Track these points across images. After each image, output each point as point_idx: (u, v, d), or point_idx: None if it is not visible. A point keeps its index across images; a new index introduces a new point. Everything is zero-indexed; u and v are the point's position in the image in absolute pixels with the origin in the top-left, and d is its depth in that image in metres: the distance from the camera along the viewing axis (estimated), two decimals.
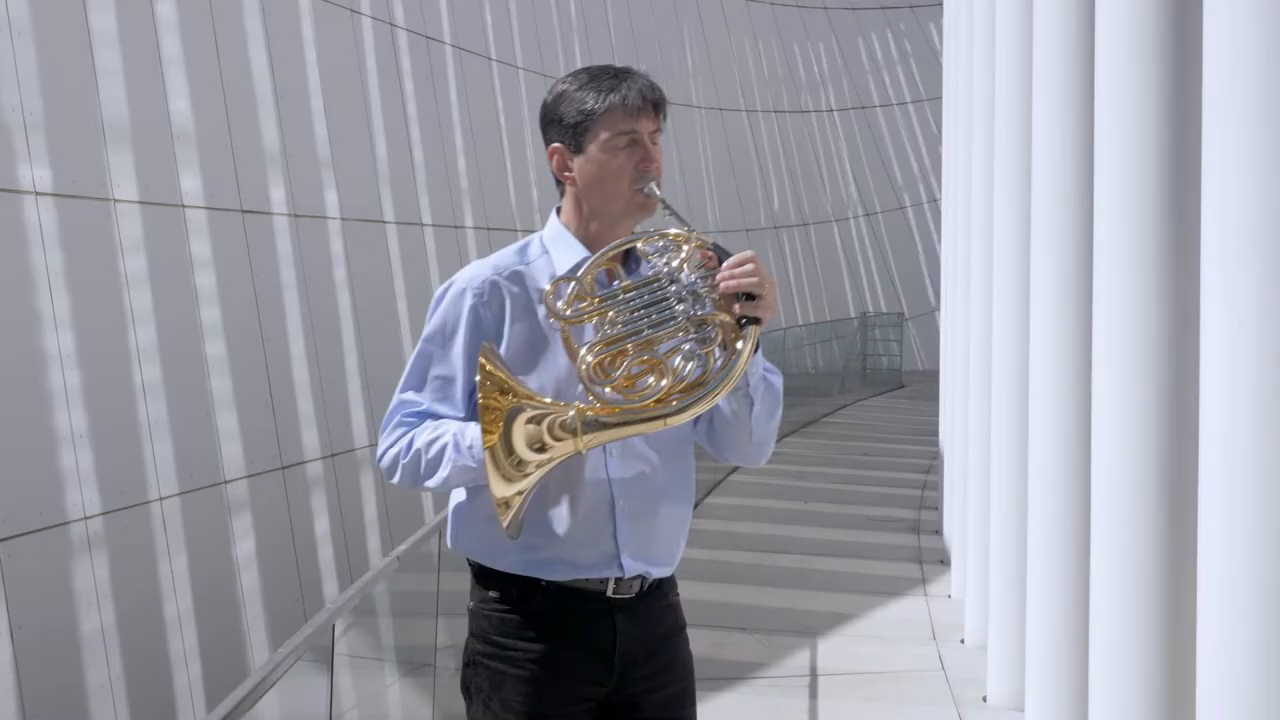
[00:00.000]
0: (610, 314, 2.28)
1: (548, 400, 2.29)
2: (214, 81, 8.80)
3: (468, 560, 2.49)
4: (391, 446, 2.41)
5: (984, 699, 5.67)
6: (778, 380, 2.45)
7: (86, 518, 7.02)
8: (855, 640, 6.70)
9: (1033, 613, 4.83)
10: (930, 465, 12.24)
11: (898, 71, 26.07)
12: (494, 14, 14.00)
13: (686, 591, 2.62)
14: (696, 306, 2.27)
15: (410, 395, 2.42)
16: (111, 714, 6.95)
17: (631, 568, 2.41)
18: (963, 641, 6.58)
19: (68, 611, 6.83)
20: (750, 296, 2.25)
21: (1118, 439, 3.86)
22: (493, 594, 2.43)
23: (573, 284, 2.29)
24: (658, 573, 2.46)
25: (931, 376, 13.64)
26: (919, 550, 8.88)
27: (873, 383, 21.99)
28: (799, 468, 12.85)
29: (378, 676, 5.02)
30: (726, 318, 2.26)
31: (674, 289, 2.27)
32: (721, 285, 2.26)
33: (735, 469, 12.06)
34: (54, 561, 6.79)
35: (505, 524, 2.24)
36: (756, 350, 2.28)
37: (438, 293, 2.46)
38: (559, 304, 2.28)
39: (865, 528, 9.74)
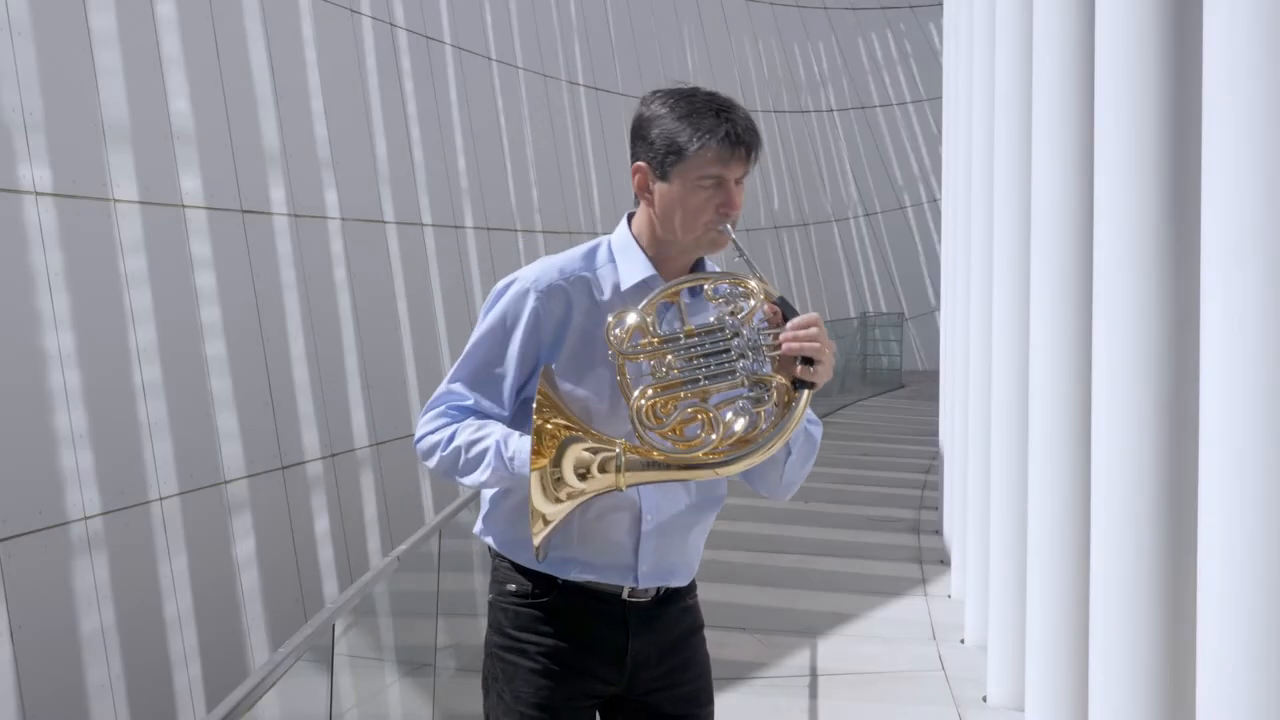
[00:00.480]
0: (669, 357, 2.27)
1: (601, 435, 2.29)
2: (214, 81, 8.80)
3: (490, 551, 2.51)
4: (432, 434, 2.41)
5: (984, 699, 5.67)
6: (818, 431, 2.49)
7: (86, 518, 7.02)
8: (855, 640, 6.70)
9: (1033, 613, 4.83)
10: (930, 465, 12.24)
11: (898, 71, 26.08)
12: (494, 14, 13.99)
13: None
14: (756, 363, 2.27)
15: (459, 387, 2.43)
16: (111, 714, 6.95)
17: (647, 582, 2.44)
18: (963, 641, 6.58)
19: (68, 611, 6.83)
20: (809, 361, 2.26)
21: (1118, 439, 3.86)
22: (510, 588, 2.45)
23: (635, 315, 2.28)
24: (674, 583, 2.49)
25: (931, 376, 13.63)
26: (919, 550, 8.88)
27: (873, 383, 21.98)
28: None
29: (378, 676, 5.02)
30: (783, 379, 2.27)
31: (736, 343, 2.27)
32: (784, 347, 2.26)
33: None
34: (54, 561, 6.79)
35: (536, 542, 2.26)
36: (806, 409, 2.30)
37: (499, 286, 2.44)
38: (616, 333, 2.28)
39: (865, 528, 9.74)
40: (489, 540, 2.51)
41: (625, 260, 2.42)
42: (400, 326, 11.05)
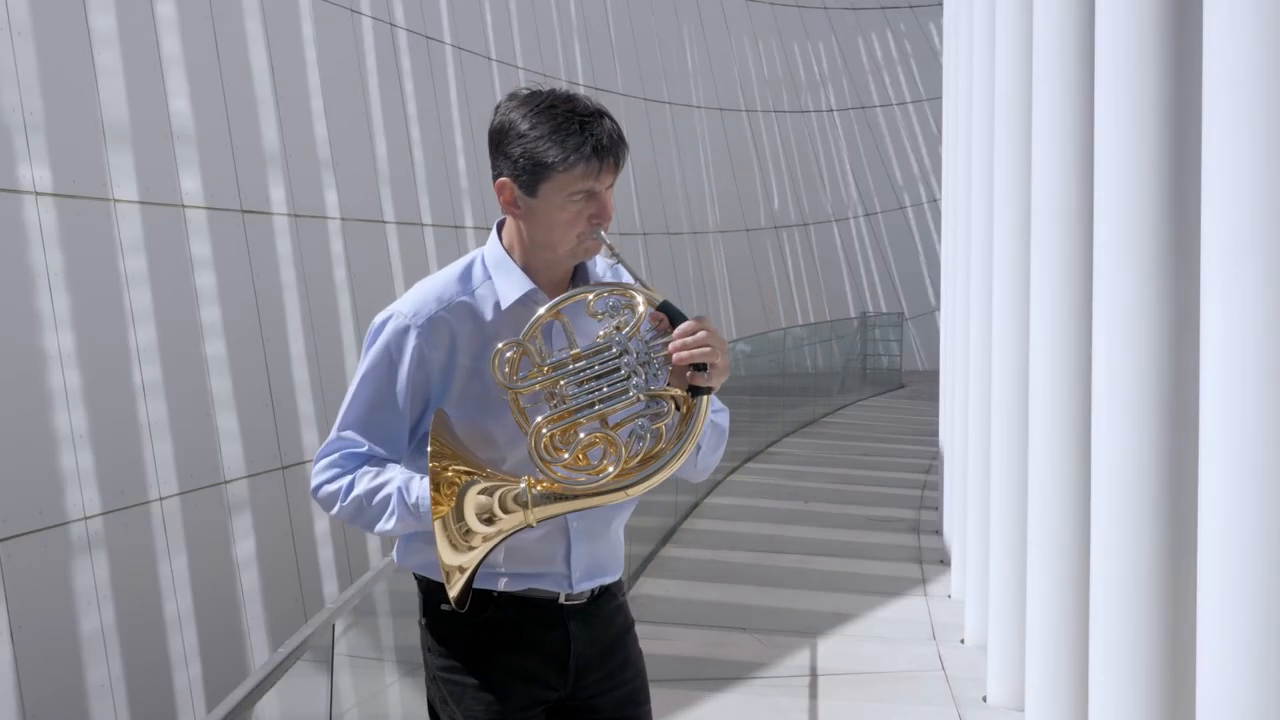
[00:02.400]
0: (561, 383, 2.22)
1: (500, 474, 2.25)
2: (214, 81, 8.80)
3: (415, 576, 2.47)
4: (329, 483, 2.36)
5: (984, 699, 5.67)
6: (724, 418, 2.44)
7: (86, 518, 7.02)
8: (855, 640, 6.70)
9: (1033, 613, 4.83)
10: (930, 465, 12.24)
11: (898, 71, 26.08)
12: (494, 14, 13.99)
13: (685, 591, 2.63)
14: (650, 379, 2.22)
15: (350, 434, 2.37)
16: (111, 714, 6.95)
17: (581, 585, 2.43)
18: (963, 641, 6.58)
19: (68, 611, 6.83)
20: (702, 366, 2.21)
21: (1118, 439, 3.86)
22: (445, 608, 2.39)
23: (518, 348, 2.23)
24: (607, 579, 2.48)
25: (931, 376, 13.64)
26: (919, 550, 8.88)
27: (873, 383, 21.99)
28: (799, 468, 12.85)
29: (378, 676, 5.02)
30: (679, 392, 2.22)
31: (626, 360, 2.21)
32: (675, 358, 2.21)
33: (735, 469, 12.08)
34: (54, 561, 6.79)
35: (453, 594, 2.22)
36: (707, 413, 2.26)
37: (376, 322, 2.38)
38: (504, 370, 2.22)
39: (865, 528, 9.74)
40: (413, 567, 2.45)
41: (501, 277, 2.36)
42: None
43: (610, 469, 2.20)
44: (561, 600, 2.41)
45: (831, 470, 12.69)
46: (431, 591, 2.44)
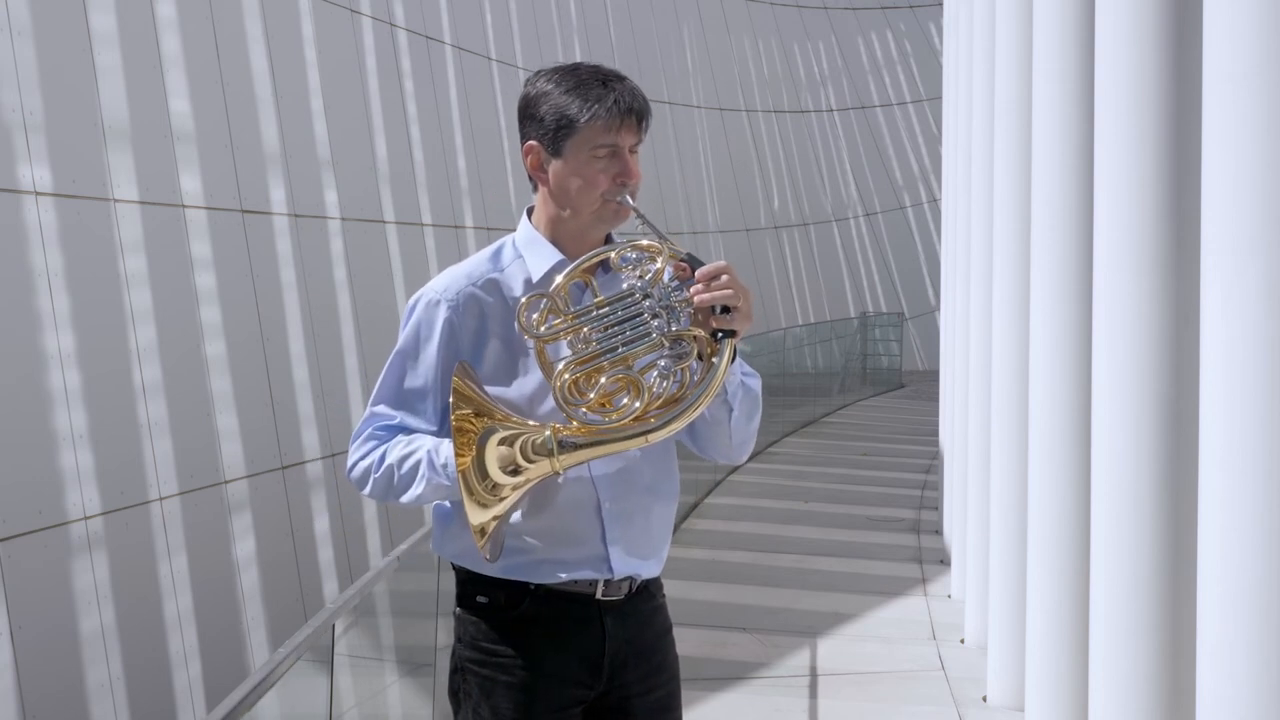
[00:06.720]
0: (584, 330, 2.24)
1: (520, 420, 2.26)
2: (214, 81, 8.80)
3: (453, 565, 2.47)
4: (363, 459, 2.38)
5: (984, 699, 5.67)
6: (756, 383, 2.44)
7: (86, 518, 7.02)
8: (855, 640, 6.70)
9: (1033, 613, 4.83)
10: (930, 465, 12.24)
11: (898, 71, 26.08)
12: (494, 14, 14.00)
13: (685, 591, 2.62)
14: (671, 322, 2.24)
15: (383, 409, 2.40)
16: (111, 714, 6.95)
17: (621, 569, 2.40)
18: (963, 641, 6.58)
19: (68, 611, 6.84)
20: (726, 309, 2.23)
21: (1118, 439, 3.87)
22: (480, 599, 2.40)
23: (545, 299, 2.25)
24: (647, 572, 2.45)
25: (931, 376, 13.64)
26: (919, 550, 8.89)
27: (873, 383, 21.99)
28: (799, 468, 12.85)
29: (378, 676, 5.02)
30: (701, 332, 2.24)
31: (648, 304, 2.24)
32: (695, 300, 2.23)
33: (735, 469, 12.07)
34: (54, 561, 6.79)
35: (481, 547, 2.22)
36: (733, 359, 2.27)
37: (410, 302, 2.41)
38: (532, 318, 2.25)
39: (865, 528, 9.74)
40: (449, 556, 2.45)
41: (531, 253, 2.40)
42: (400, 326, 11.04)
43: (635, 406, 2.21)
44: (598, 595, 2.39)
45: (831, 470, 12.70)
46: (467, 581, 2.43)
